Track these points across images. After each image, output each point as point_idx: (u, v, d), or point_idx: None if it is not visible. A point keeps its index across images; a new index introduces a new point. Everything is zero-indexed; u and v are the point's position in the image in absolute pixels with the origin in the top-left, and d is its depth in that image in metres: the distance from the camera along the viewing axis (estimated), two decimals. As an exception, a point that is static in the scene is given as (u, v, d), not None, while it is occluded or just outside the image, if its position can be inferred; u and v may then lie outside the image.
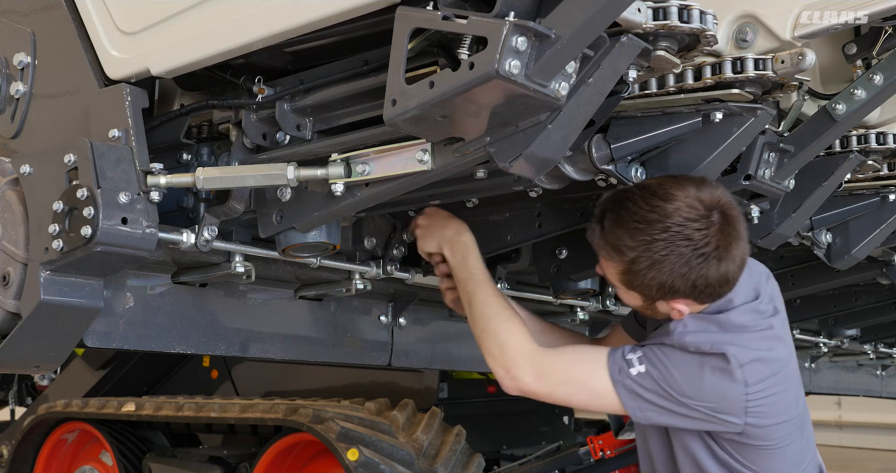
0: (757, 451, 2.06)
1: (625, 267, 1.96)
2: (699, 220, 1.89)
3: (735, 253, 1.94)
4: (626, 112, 2.01)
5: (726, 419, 2.00)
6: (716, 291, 1.97)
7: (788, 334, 2.16)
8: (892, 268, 3.23)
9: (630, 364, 2.00)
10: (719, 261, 1.91)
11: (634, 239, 1.91)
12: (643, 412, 2.02)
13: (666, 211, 1.89)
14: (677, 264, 1.90)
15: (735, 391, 1.97)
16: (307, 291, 2.56)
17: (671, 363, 1.99)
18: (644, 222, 1.90)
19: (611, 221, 1.96)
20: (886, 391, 6.22)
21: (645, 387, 2.00)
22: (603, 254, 2.02)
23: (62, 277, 1.90)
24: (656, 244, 1.89)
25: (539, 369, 2.07)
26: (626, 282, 2.01)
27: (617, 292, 2.13)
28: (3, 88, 2.21)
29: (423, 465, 3.40)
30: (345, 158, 1.85)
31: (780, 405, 2.05)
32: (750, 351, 2.00)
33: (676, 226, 1.88)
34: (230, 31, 1.74)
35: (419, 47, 1.57)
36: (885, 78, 2.02)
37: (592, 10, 1.40)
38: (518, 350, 2.09)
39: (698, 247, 1.89)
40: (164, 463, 4.04)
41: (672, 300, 1.99)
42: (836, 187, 2.48)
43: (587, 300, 3.15)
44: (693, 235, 1.89)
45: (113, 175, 1.83)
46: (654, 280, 1.93)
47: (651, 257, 1.91)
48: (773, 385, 2.02)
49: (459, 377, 4.35)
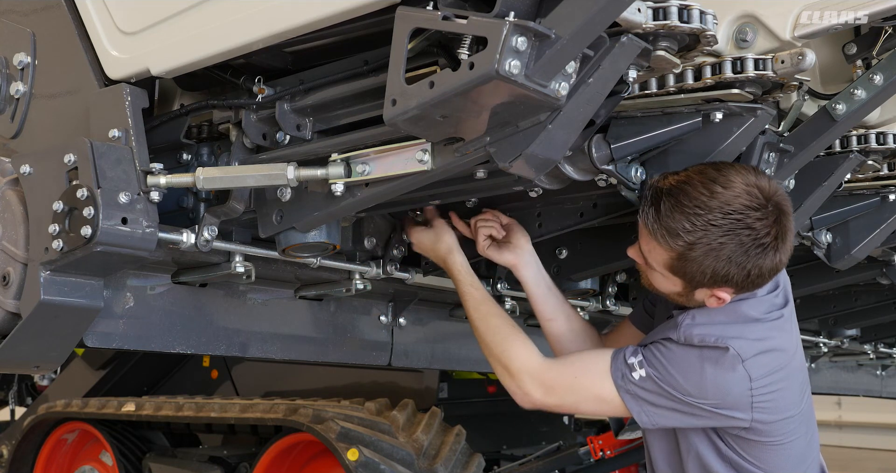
0: (762, 447, 2.05)
1: (679, 252, 1.92)
2: (759, 209, 1.88)
3: (789, 245, 1.94)
4: (626, 112, 2.01)
5: (732, 414, 1.99)
6: (764, 281, 1.97)
7: (796, 326, 2.15)
8: (892, 268, 3.23)
9: (632, 369, 2.00)
10: (776, 252, 1.91)
11: (693, 224, 1.88)
12: (649, 417, 2.02)
13: (726, 197, 1.87)
14: (736, 253, 1.88)
15: (739, 386, 1.96)
16: (307, 291, 2.56)
17: (670, 363, 1.98)
18: (704, 208, 1.88)
19: (668, 204, 1.91)
20: (886, 391, 6.22)
21: (648, 391, 1.99)
22: (656, 237, 1.95)
23: (62, 277, 1.90)
24: (715, 230, 1.87)
25: (545, 383, 2.08)
26: (675, 267, 1.96)
27: (649, 278, 2.08)
28: (3, 88, 2.21)
29: (423, 465, 3.40)
30: (345, 158, 1.85)
31: (787, 400, 2.04)
32: (755, 344, 1.99)
33: (737, 213, 1.87)
34: (230, 31, 1.74)
35: (419, 47, 1.57)
36: (885, 78, 2.02)
37: (592, 10, 1.40)
38: (521, 367, 2.10)
39: (759, 237, 1.88)
40: (164, 463, 4.05)
41: (718, 288, 1.96)
42: (836, 187, 2.48)
43: (587, 299, 3.15)
44: (754, 224, 1.87)
45: (113, 175, 1.83)
46: (709, 267, 1.91)
47: (709, 243, 1.88)
48: (779, 380, 2.01)
49: (459, 377, 4.35)
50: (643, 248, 2.03)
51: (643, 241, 2.02)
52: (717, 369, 1.95)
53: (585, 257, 2.46)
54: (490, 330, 2.19)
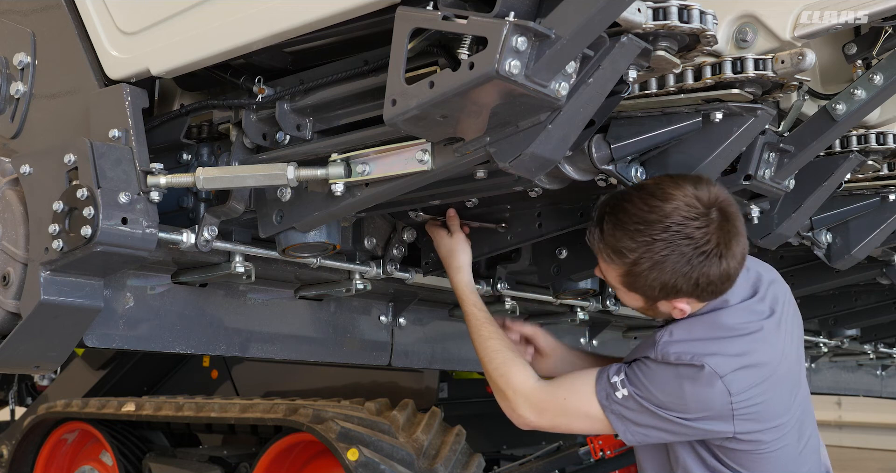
0: (747, 456, 2.05)
1: (626, 269, 1.96)
2: (698, 218, 1.89)
3: (735, 250, 1.94)
4: (626, 112, 2.01)
5: (715, 427, 1.99)
6: (718, 288, 1.97)
7: (782, 337, 2.11)
8: (892, 268, 3.23)
9: (615, 388, 2.02)
10: (720, 258, 1.92)
11: (635, 241, 1.91)
12: (634, 436, 2.04)
13: (665, 211, 1.89)
14: (679, 263, 1.90)
15: (720, 400, 1.96)
16: (307, 291, 2.56)
17: (650, 381, 1.99)
18: (643, 223, 1.90)
19: (610, 223, 1.96)
20: (886, 391, 6.22)
21: (631, 410, 2.01)
22: (603, 257, 2.02)
23: (62, 277, 1.90)
24: (657, 245, 1.90)
25: (537, 405, 2.13)
26: (628, 284, 2.01)
27: (617, 295, 2.13)
28: (3, 88, 2.21)
29: (423, 465, 3.40)
30: (345, 158, 1.85)
31: (772, 410, 2.03)
32: (734, 360, 1.98)
33: (676, 225, 1.89)
34: (230, 31, 1.74)
35: (419, 47, 1.57)
36: (885, 78, 2.02)
37: (592, 11, 1.40)
38: (515, 390, 2.15)
39: (699, 245, 1.89)
40: (164, 463, 4.04)
41: (674, 299, 1.99)
42: (836, 187, 2.48)
43: (587, 299, 3.15)
44: (693, 233, 1.89)
45: (113, 175, 1.83)
46: (657, 281, 1.94)
47: (652, 257, 1.91)
48: (761, 392, 2.00)
49: (459, 377, 4.35)
50: (601, 267, 2.08)
51: (599, 260, 2.07)
52: (695, 386, 1.96)
53: (585, 257, 2.46)
54: (489, 353, 2.23)
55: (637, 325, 3.89)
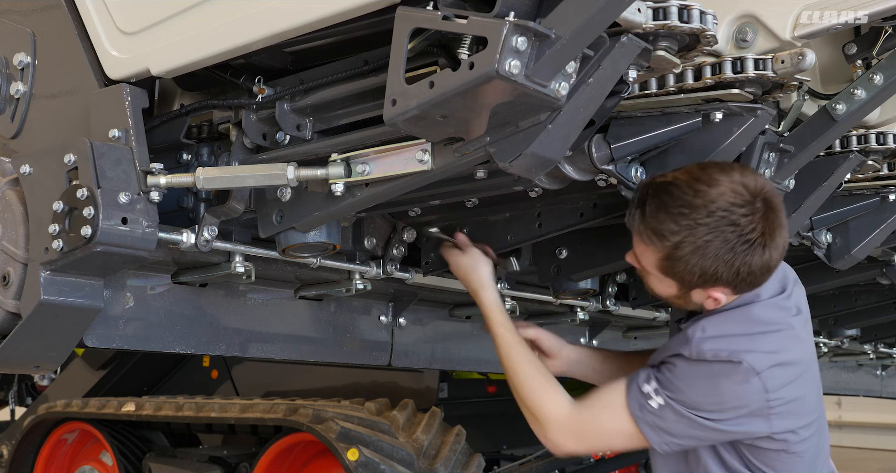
0: (776, 455, 2.02)
1: (666, 253, 1.91)
2: (745, 206, 1.85)
3: (778, 241, 1.90)
4: (626, 112, 2.01)
5: (751, 428, 1.96)
6: (756, 279, 1.93)
7: (811, 335, 2.12)
8: (892, 268, 3.23)
9: (648, 397, 1.97)
10: (764, 248, 1.88)
11: (678, 224, 1.87)
12: (669, 446, 1.99)
13: (710, 196, 1.85)
14: (722, 250, 1.86)
15: (756, 397, 1.93)
16: (307, 291, 2.56)
17: (683, 382, 1.95)
18: (688, 207, 1.86)
19: (653, 205, 1.91)
20: (886, 391, 6.22)
21: (666, 419, 1.96)
22: (643, 239, 1.95)
23: (62, 277, 1.90)
24: (700, 229, 1.85)
25: (573, 431, 2.06)
26: (665, 268, 1.95)
27: (648, 282, 2.07)
28: (3, 88, 2.21)
29: (423, 465, 3.40)
30: (345, 158, 1.85)
31: (804, 408, 2.02)
32: (769, 356, 1.95)
33: (721, 211, 1.85)
34: (230, 31, 1.74)
35: (419, 47, 1.57)
36: (885, 78, 2.02)
37: (592, 10, 1.40)
38: (550, 418, 2.08)
39: (744, 233, 1.85)
40: (164, 463, 4.04)
41: (711, 287, 1.94)
42: (836, 187, 2.48)
43: (587, 299, 3.15)
44: (739, 220, 1.85)
45: (113, 175, 1.83)
46: (697, 266, 1.89)
47: (695, 242, 1.86)
48: (794, 390, 1.98)
49: (459, 377, 4.35)
50: (636, 251, 2.02)
51: (635, 244, 2.02)
52: (732, 382, 1.93)
53: (585, 257, 2.46)
54: (521, 377, 2.16)
55: (637, 325, 3.89)
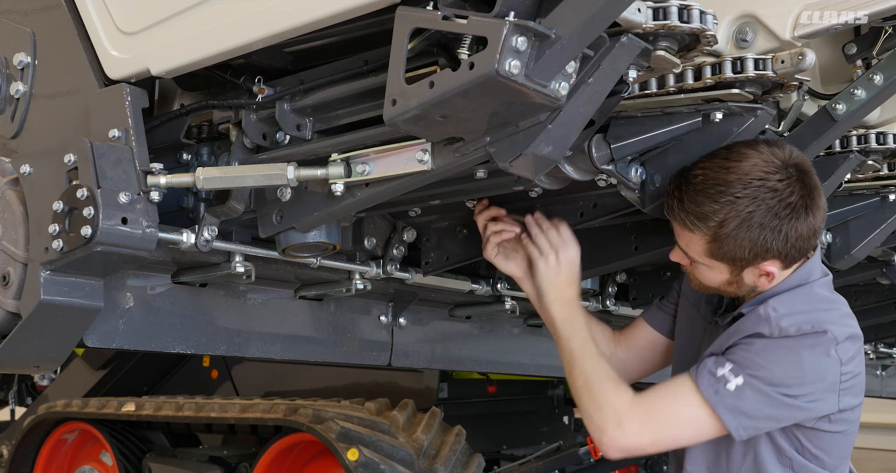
0: (831, 437, 2.01)
1: (712, 234, 1.91)
2: (778, 171, 1.87)
3: (819, 202, 1.92)
4: (626, 112, 2.01)
5: (823, 405, 1.95)
6: (806, 243, 1.94)
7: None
8: (892, 268, 3.23)
9: (725, 381, 1.94)
10: (806, 210, 1.89)
11: (717, 202, 1.87)
12: (746, 431, 1.96)
13: (743, 169, 1.87)
14: (767, 218, 1.87)
15: (833, 370, 1.94)
16: (307, 291, 2.56)
17: (764, 358, 1.93)
18: (724, 184, 1.87)
19: (689, 191, 1.91)
20: (886, 391, 6.22)
21: (746, 399, 1.93)
22: (687, 226, 1.95)
23: (62, 277, 1.90)
24: (741, 202, 1.86)
25: (641, 417, 1.99)
26: (714, 251, 1.94)
27: (697, 277, 2.06)
28: (3, 88, 2.21)
29: (423, 465, 3.40)
30: (345, 158, 1.85)
31: (861, 386, 2.03)
32: (844, 328, 1.97)
33: (757, 180, 1.86)
34: (230, 31, 1.74)
35: (419, 47, 1.57)
36: (885, 78, 2.02)
37: (592, 10, 1.40)
38: (615, 405, 2.00)
39: (784, 197, 1.87)
40: (164, 463, 4.05)
41: (762, 262, 1.94)
42: (836, 187, 2.48)
43: (587, 300, 3.15)
44: (776, 186, 1.86)
45: (113, 175, 1.84)
46: (746, 239, 1.89)
47: (738, 215, 1.87)
48: (857, 365, 1.99)
49: (459, 377, 4.35)
50: (681, 244, 2.02)
51: (679, 236, 2.02)
52: (814, 354, 1.93)
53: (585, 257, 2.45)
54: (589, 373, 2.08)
55: (637, 325, 3.88)
